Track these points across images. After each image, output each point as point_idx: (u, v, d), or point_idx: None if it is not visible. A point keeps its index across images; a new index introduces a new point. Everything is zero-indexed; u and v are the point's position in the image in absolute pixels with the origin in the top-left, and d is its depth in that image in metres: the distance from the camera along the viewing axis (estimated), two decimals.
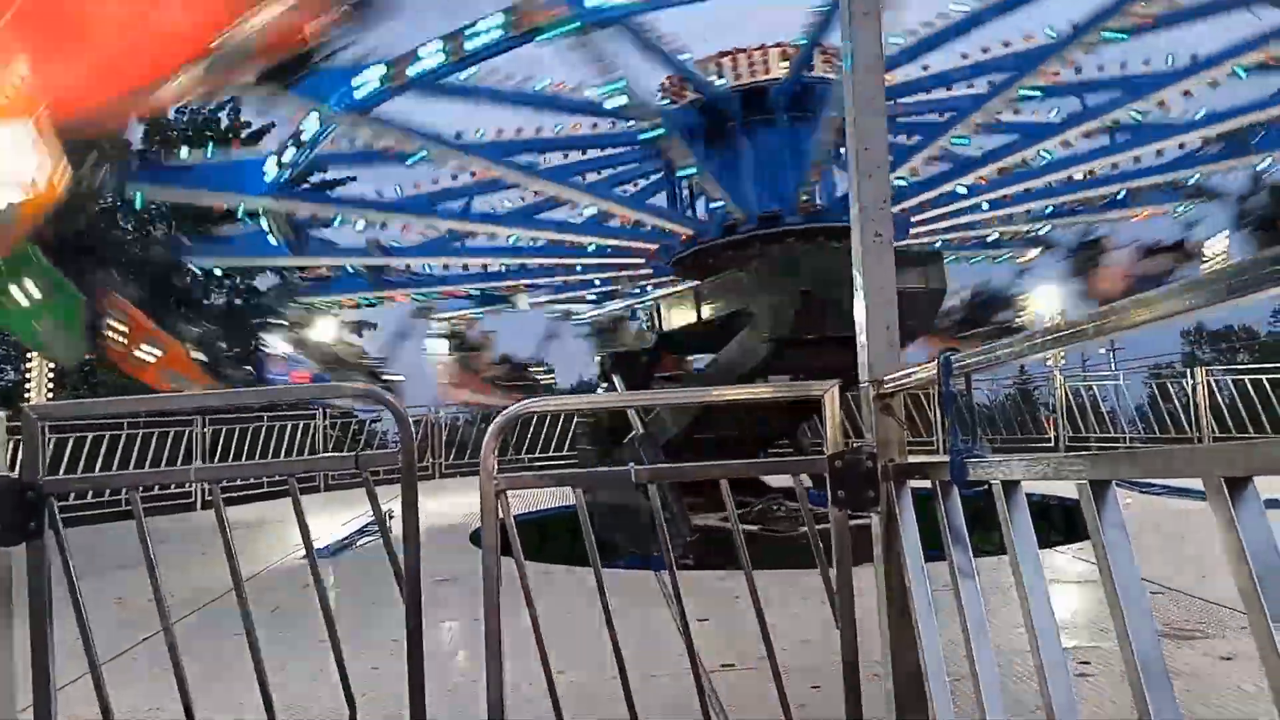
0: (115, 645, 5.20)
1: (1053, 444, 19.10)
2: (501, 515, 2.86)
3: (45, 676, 2.53)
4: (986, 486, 2.11)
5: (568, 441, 20.22)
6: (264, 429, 17.81)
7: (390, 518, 2.89)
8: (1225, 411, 16.57)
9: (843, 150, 9.62)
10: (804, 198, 11.50)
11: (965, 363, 2.20)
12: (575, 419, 17.55)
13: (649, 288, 16.22)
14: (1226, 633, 5.10)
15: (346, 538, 10.16)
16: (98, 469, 14.55)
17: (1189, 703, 3.96)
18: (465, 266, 15.34)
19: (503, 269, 15.48)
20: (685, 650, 2.99)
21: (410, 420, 2.84)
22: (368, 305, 16.93)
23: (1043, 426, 19.83)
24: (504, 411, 2.85)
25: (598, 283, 16.50)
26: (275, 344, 14.36)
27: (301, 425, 18.75)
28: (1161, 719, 1.46)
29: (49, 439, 14.56)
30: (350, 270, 14.48)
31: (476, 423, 22.36)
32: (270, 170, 10.92)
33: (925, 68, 12.33)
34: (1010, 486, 1.97)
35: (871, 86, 2.85)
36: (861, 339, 2.86)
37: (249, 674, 2.81)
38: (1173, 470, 1.41)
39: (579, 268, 15.13)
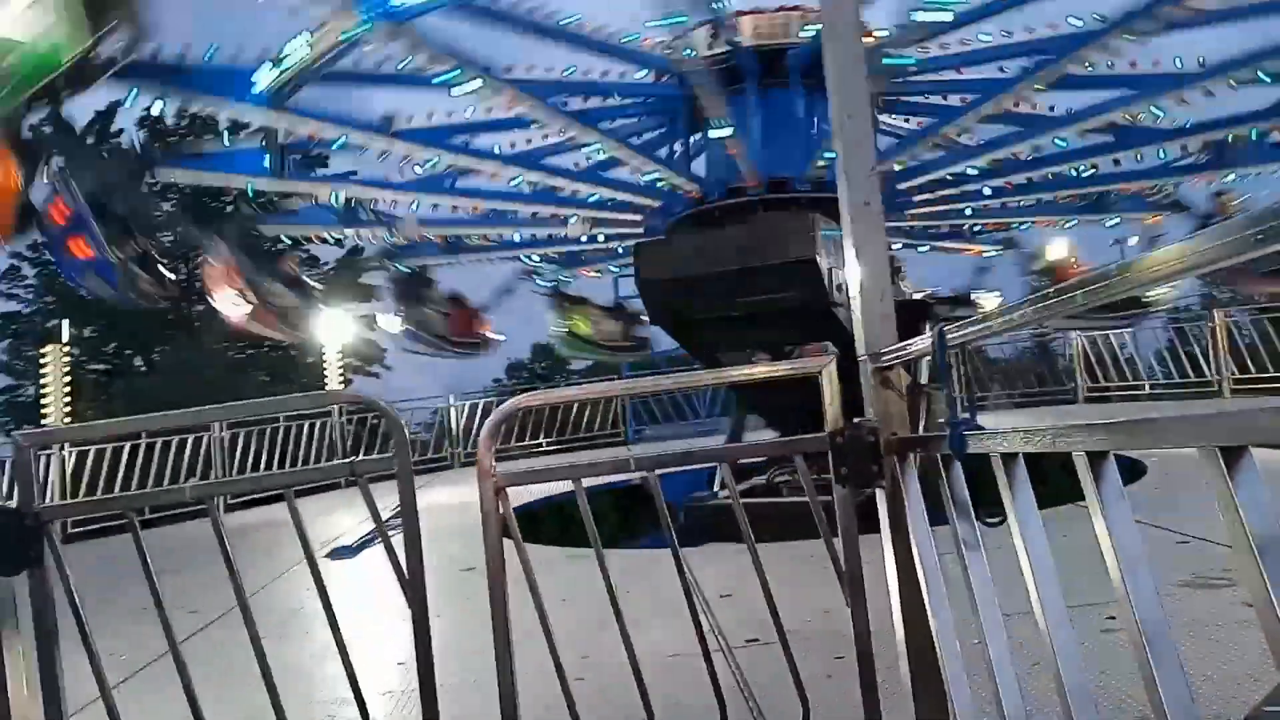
0: (134, 661, 5.22)
1: (1072, 397, 18.96)
2: (503, 511, 2.84)
3: (57, 703, 2.53)
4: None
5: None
6: (281, 430, 17.85)
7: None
8: (1245, 353, 16.41)
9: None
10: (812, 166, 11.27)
11: (959, 334, 2.15)
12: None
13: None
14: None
15: (370, 533, 10.19)
16: (118, 482, 14.63)
17: (1210, 651, 3.93)
18: (454, 208, 14.77)
19: (488, 213, 14.92)
20: (708, 629, 2.99)
21: (404, 425, 2.82)
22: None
23: (1061, 379, 19.64)
24: (499, 408, 2.82)
25: (591, 239, 16.15)
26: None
27: (320, 424, 18.77)
28: (1170, 694, 1.43)
29: (71, 454, 14.69)
30: (320, 204, 13.73)
31: (494, 410, 22.38)
32: (263, 80, 9.82)
33: (944, 46, 11.95)
34: (1010, 458, 1.93)
35: (851, 55, 2.79)
36: (856, 312, 2.81)
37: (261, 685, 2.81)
38: (1170, 441, 1.37)
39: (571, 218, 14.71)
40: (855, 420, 2.72)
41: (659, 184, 12.96)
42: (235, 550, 2.87)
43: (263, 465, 17.18)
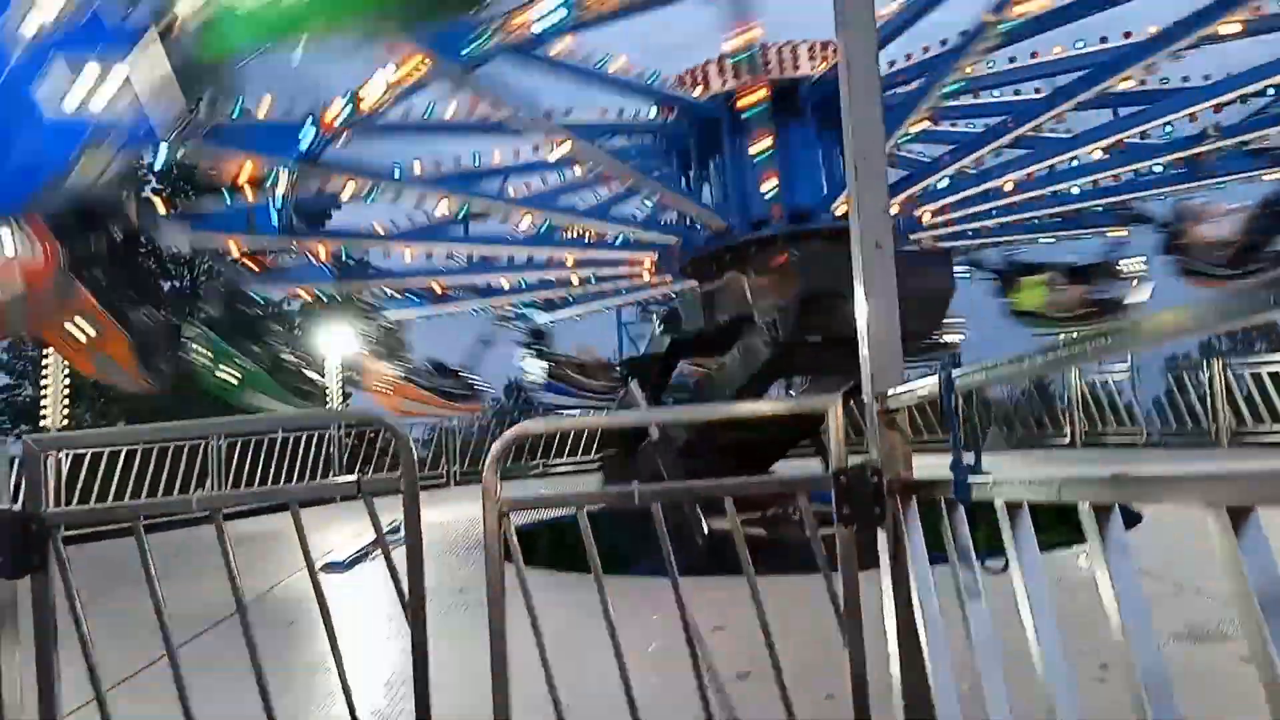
0: (129, 665, 5.21)
1: (1069, 441, 18.95)
2: (506, 535, 2.85)
3: (51, 707, 2.54)
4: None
5: (580, 446, 20.37)
6: (279, 441, 17.84)
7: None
8: (1242, 403, 16.42)
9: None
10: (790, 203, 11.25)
11: (967, 379, 2.17)
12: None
13: (653, 287, 15.99)
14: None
15: (363, 549, 10.18)
16: (113, 487, 14.63)
17: (1204, 707, 3.92)
18: (471, 257, 14.83)
19: (497, 260, 14.90)
20: (702, 662, 3.00)
21: (410, 442, 2.83)
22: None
23: (1060, 422, 19.60)
24: (505, 434, 2.84)
25: (593, 280, 16.12)
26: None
27: (316, 436, 18.77)
28: None
29: (67, 457, 14.66)
30: (310, 260, 13.50)
31: (491, 428, 22.39)
32: (307, 135, 9.80)
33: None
34: (1014, 506, 1.94)
35: (868, 97, 2.83)
36: (864, 351, 2.84)
37: (256, 697, 2.81)
38: (1176, 498, 1.39)
39: (579, 263, 14.69)
40: (859, 461, 2.74)
41: (674, 220, 12.96)
42: (222, 564, 2.87)
43: (258, 475, 17.18)
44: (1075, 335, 1.72)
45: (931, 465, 2.72)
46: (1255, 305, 1.20)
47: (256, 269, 13.51)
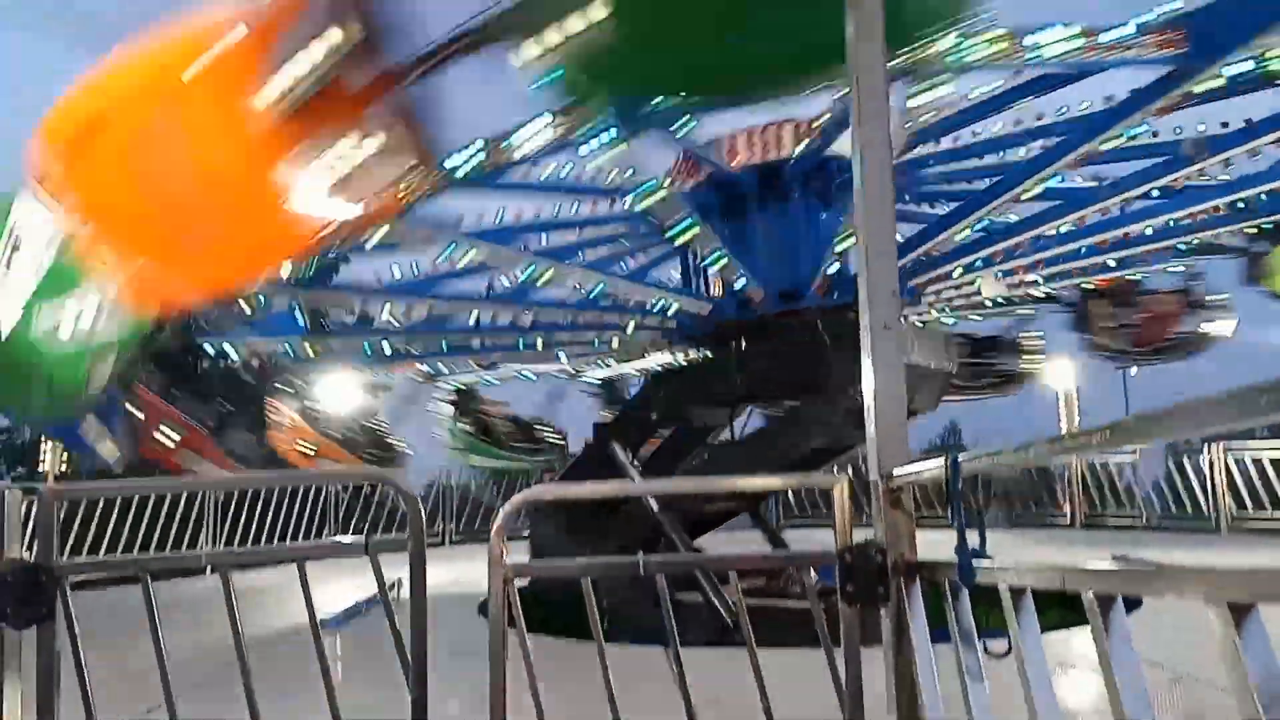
0: (126, 712, 5.15)
1: (1069, 522, 18.84)
2: (510, 599, 2.86)
3: None
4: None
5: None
6: (275, 492, 17.79)
7: (401, 585, 2.93)
8: (1242, 489, 16.39)
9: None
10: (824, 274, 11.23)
11: (973, 463, 2.21)
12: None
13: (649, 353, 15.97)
14: None
15: (357, 604, 10.08)
16: (109, 533, 14.61)
17: None
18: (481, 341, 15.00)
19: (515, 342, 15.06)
20: None
21: (420, 503, 2.86)
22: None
23: (1059, 502, 19.50)
24: (511, 501, 2.87)
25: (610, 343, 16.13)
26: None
27: (314, 489, 18.70)
28: None
29: (63, 503, 14.62)
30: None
31: (488, 487, 22.24)
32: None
33: (955, 139, 11.78)
34: (1018, 592, 1.97)
35: (881, 184, 2.91)
36: (870, 430, 2.87)
37: None
38: (1180, 591, 1.42)
39: (594, 339, 14.73)
40: (864, 540, 2.76)
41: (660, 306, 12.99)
42: (216, 618, 2.88)
43: (254, 527, 17.13)
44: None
45: (934, 541, 2.74)
46: (1252, 411, 1.24)
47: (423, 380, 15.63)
